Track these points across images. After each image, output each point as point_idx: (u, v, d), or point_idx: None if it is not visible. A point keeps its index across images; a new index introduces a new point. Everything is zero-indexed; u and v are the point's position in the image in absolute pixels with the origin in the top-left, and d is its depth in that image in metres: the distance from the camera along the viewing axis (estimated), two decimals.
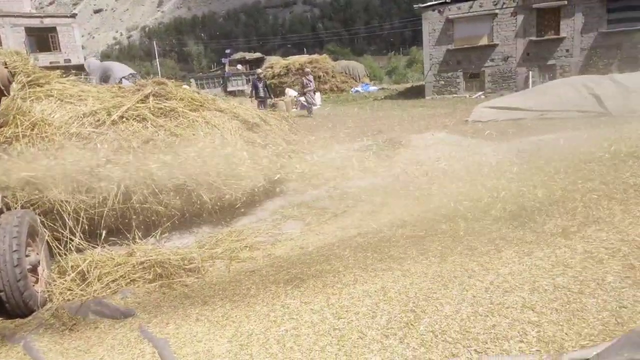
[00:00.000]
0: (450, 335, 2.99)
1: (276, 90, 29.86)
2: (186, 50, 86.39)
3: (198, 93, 7.29)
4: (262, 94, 17.84)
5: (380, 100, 25.55)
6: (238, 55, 45.27)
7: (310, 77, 19.71)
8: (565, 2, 21.16)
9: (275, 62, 33.41)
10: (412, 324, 3.15)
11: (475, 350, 2.83)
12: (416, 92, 26.85)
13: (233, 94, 35.77)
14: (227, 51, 48.36)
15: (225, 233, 5.77)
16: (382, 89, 32.97)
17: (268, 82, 31.65)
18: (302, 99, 23.71)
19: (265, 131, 7.04)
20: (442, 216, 5.19)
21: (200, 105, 6.62)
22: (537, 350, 2.75)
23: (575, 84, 14.45)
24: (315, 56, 33.43)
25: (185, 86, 8.72)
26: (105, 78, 8.33)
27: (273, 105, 19.01)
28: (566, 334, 2.88)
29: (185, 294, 4.28)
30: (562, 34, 21.64)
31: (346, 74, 32.85)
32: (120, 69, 8.31)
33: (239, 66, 41.68)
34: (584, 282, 3.38)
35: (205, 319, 3.67)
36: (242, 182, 6.04)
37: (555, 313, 3.08)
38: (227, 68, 42.56)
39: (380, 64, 45.25)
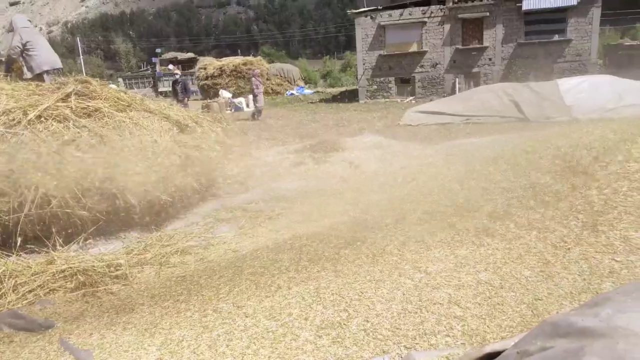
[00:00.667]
0: (381, 333, 3.06)
1: (210, 92, 29.32)
2: (113, 48, 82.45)
3: (125, 93, 6.99)
4: (180, 96, 17.32)
5: (315, 104, 25.77)
6: (169, 55, 43.99)
7: (260, 79, 19.36)
8: (488, 14, 22.42)
9: (208, 63, 32.73)
10: (345, 324, 3.19)
11: (404, 346, 2.92)
12: (350, 96, 27.35)
13: (164, 94, 34.68)
14: (158, 50, 46.86)
15: (155, 238, 5.56)
16: (317, 92, 33.29)
17: (201, 83, 31.04)
18: (237, 100, 23.43)
19: (197, 133, 6.87)
20: (374, 217, 5.31)
21: (128, 106, 6.35)
22: (462, 344, 2.88)
23: (497, 91, 15.33)
24: (250, 58, 33.13)
25: (112, 85, 8.31)
26: (26, 56, 7.50)
27: (206, 107, 18.62)
28: (488, 326, 3.04)
29: (111, 302, 4.08)
30: (485, 44, 22.90)
31: (281, 76, 32.86)
32: (46, 55, 7.40)
33: (171, 66, 40.47)
34: (504, 277, 3.59)
35: (132, 327, 3.52)
36: (173, 185, 5.86)
37: (479, 307, 3.25)
38: (158, 68, 41.21)
39: (315, 68, 45.63)
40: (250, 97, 23.57)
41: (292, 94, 31.22)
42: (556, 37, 21.87)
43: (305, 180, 8.07)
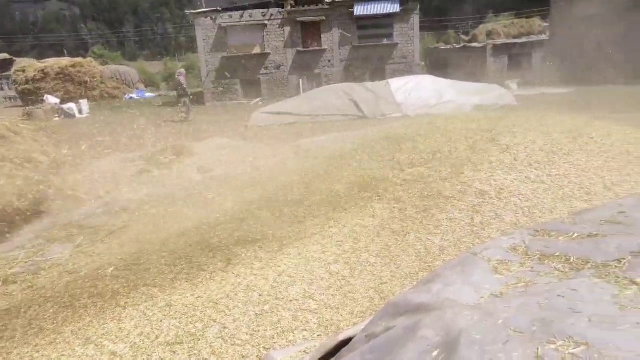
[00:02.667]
0: (240, 338, 3.00)
1: (32, 98, 25.96)
2: None
3: None
4: None
5: (158, 107, 24.45)
6: None
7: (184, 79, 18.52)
8: (324, 18, 23.60)
9: (28, 65, 28.84)
10: (201, 334, 3.07)
11: (263, 347, 2.91)
12: (196, 99, 26.51)
13: None
14: None
15: None
16: (160, 95, 31.63)
17: (20, 88, 27.29)
18: (67, 106, 21.16)
19: (16, 144, 6.01)
20: (225, 221, 5.21)
21: None
22: (318, 336, 2.96)
23: (338, 91, 16.23)
24: (79, 59, 30.04)
25: None
26: None
27: (28, 115, 16.47)
28: (341, 315, 3.18)
29: None
30: (324, 46, 24.09)
31: (117, 79, 30.48)
32: None
33: None
34: (353, 267, 3.79)
35: None
36: None
37: (332, 298, 3.38)
38: None
39: (156, 70, 43.17)
40: (83, 101, 21.60)
41: (131, 97, 29.15)
42: (385, 41, 23.94)
43: (151, 188, 7.59)
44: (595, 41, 21.38)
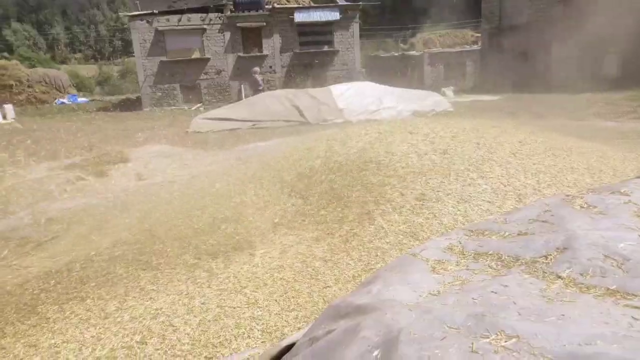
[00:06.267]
0: (181, 349, 2.92)
1: None
2: None
3: None
4: None
5: (92, 113, 23.37)
6: None
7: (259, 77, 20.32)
8: (264, 24, 23.54)
9: None
10: (139, 348, 2.95)
11: (206, 356, 2.84)
12: (133, 104, 25.61)
13: None
14: None
15: None
16: (94, 100, 30.29)
17: None
18: None
19: None
20: (164, 233, 5.05)
21: None
22: (262, 342, 2.93)
23: (280, 97, 16.21)
24: (2, 62, 28.27)
25: None
26: None
27: None
28: (286, 321, 3.16)
29: None
30: (265, 52, 24.01)
31: (47, 83, 28.86)
32: None
33: None
34: (297, 272, 3.78)
35: None
36: None
37: (276, 304, 3.35)
38: None
39: (90, 74, 41.22)
40: (8, 106, 20.42)
41: (62, 102, 27.68)
42: (326, 48, 24.21)
43: (84, 197, 7.23)
44: (521, 51, 22.73)
